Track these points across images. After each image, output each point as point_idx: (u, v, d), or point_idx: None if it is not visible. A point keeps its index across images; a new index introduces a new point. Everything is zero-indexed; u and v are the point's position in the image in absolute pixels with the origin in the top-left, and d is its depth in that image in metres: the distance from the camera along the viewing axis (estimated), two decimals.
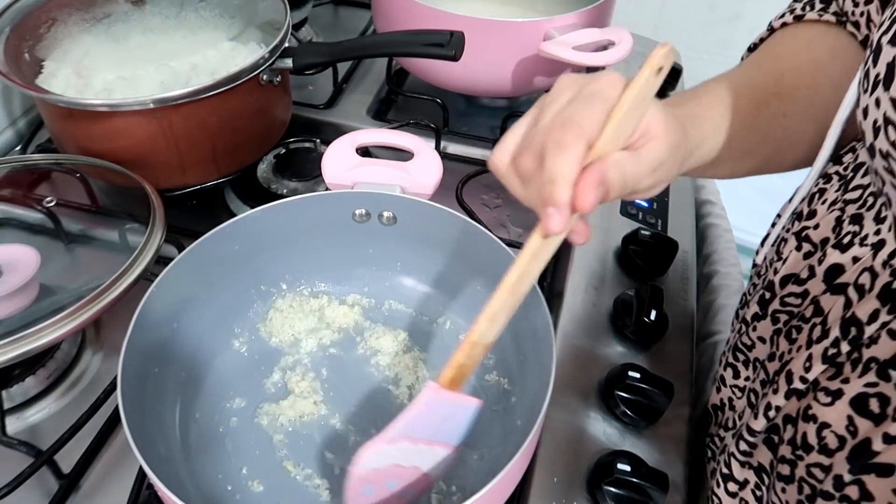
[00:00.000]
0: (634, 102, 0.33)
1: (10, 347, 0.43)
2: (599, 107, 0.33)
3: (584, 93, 0.35)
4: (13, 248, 0.51)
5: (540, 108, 0.36)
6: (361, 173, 0.53)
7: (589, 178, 0.33)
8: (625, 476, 0.45)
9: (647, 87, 0.34)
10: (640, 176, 0.35)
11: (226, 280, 0.52)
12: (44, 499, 0.46)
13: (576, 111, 0.33)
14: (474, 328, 0.37)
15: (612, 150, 0.34)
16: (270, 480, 0.46)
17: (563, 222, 0.33)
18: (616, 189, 0.34)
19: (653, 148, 0.36)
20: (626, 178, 0.34)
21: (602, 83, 0.34)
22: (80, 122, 0.60)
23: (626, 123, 0.34)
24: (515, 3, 0.85)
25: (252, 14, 0.69)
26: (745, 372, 0.46)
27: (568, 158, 0.32)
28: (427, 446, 0.41)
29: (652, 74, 0.33)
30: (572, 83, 0.36)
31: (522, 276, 0.36)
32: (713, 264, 0.74)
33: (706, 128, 0.42)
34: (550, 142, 0.33)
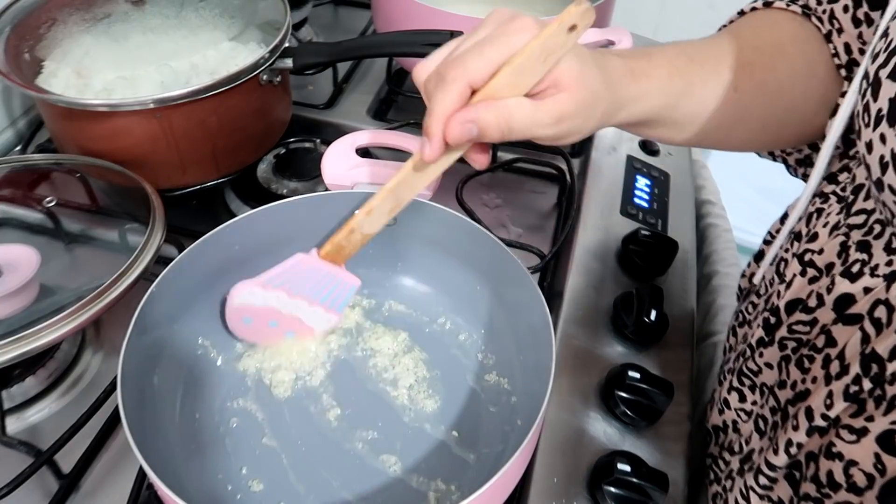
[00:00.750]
0: (535, 54, 0.35)
1: (10, 347, 0.43)
2: (496, 52, 0.35)
3: (495, 32, 0.36)
4: (13, 248, 0.51)
5: (467, 35, 0.38)
6: (361, 173, 0.53)
7: (460, 115, 0.36)
8: (625, 476, 0.45)
9: (553, 41, 0.34)
10: (536, 124, 0.37)
11: (226, 280, 0.52)
12: (44, 499, 0.46)
13: (472, 51, 0.35)
14: (353, 216, 0.43)
15: (507, 94, 0.36)
16: (270, 480, 0.46)
17: (433, 152, 0.37)
18: (493, 130, 0.36)
19: (558, 100, 0.37)
20: (510, 122, 0.36)
21: (514, 27, 0.36)
22: (80, 122, 0.60)
23: (524, 72, 0.35)
24: (515, 4, 0.85)
25: (252, 14, 0.69)
26: (751, 396, 0.46)
27: (443, 95, 0.35)
28: (307, 304, 0.48)
29: (561, 30, 0.34)
30: (496, 18, 0.37)
31: (402, 182, 0.41)
32: (713, 264, 0.74)
33: (646, 85, 0.42)
34: (438, 75, 0.36)
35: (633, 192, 0.71)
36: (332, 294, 0.47)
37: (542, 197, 0.72)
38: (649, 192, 0.71)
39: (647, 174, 0.74)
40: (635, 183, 0.72)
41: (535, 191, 0.73)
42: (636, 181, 0.72)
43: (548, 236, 0.68)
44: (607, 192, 0.70)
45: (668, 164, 0.76)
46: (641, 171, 0.74)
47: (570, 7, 0.34)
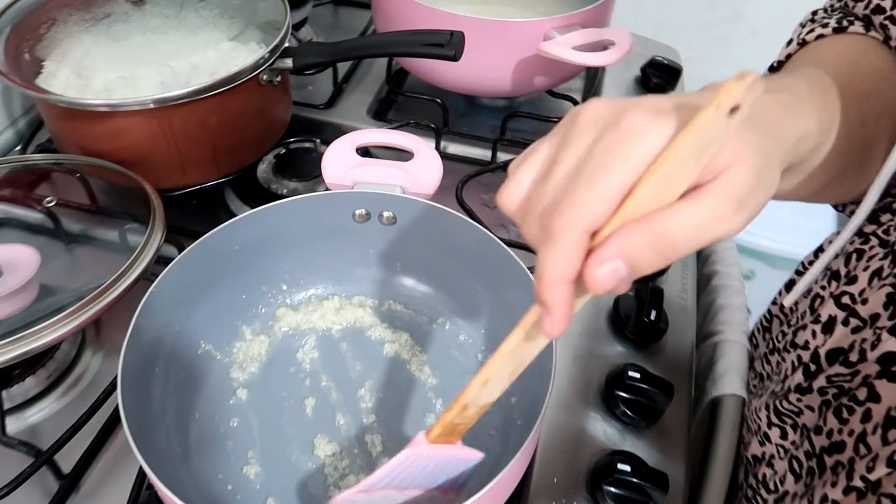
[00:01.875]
0: (685, 155, 0.25)
1: (10, 347, 0.43)
2: (616, 177, 0.25)
3: (602, 147, 0.26)
4: (13, 248, 0.51)
5: (558, 143, 0.28)
6: (361, 173, 0.53)
7: (597, 257, 0.26)
8: (625, 476, 0.45)
9: (710, 132, 0.24)
10: (710, 221, 0.25)
11: (225, 280, 0.52)
12: (44, 499, 0.46)
13: (579, 184, 0.26)
14: (466, 390, 0.34)
15: (658, 202, 0.26)
16: (271, 480, 0.46)
17: (557, 326, 0.29)
18: (650, 256, 0.26)
19: (730, 178, 0.26)
20: (671, 237, 0.25)
21: (628, 130, 0.25)
22: (80, 122, 0.60)
23: (669, 182, 0.25)
24: (515, 3, 0.85)
25: (252, 14, 0.69)
26: (792, 435, 0.44)
27: (554, 254, 0.26)
28: (420, 492, 0.39)
29: (720, 115, 0.24)
30: (593, 119, 0.27)
31: (520, 344, 0.32)
32: (713, 264, 0.74)
33: (805, 121, 0.32)
34: (541, 225, 0.27)
35: None
36: (450, 476, 0.39)
37: None
38: None
39: None
40: None
41: None
42: None
43: None
44: None
45: None
46: None
47: (731, 82, 0.24)
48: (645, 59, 0.86)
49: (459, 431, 0.37)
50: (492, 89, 0.76)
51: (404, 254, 0.56)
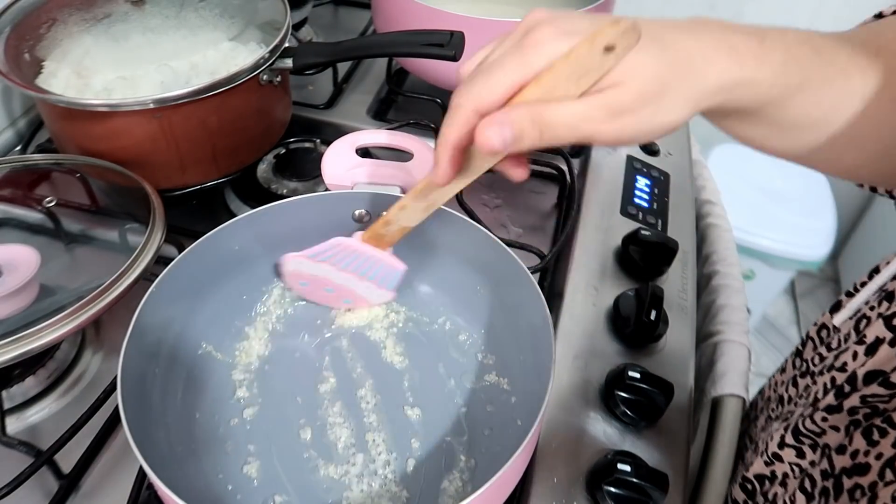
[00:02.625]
0: (563, 76, 0.30)
1: (10, 347, 0.43)
2: (505, 75, 0.31)
3: (511, 48, 0.32)
4: (13, 248, 0.51)
5: (501, 38, 0.35)
6: (361, 173, 0.53)
7: (491, 118, 0.32)
8: (625, 476, 0.45)
9: (584, 63, 0.30)
10: (585, 119, 0.31)
11: (225, 280, 0.52)
12: (44, 499, 0.46)
13: (482, 74, 0.32)
14: (390, 208, 0.44)
15: (544, 97, 0.31)
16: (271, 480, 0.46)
17: (442, 176, 0.36)
18: (531, 131, 0.31)
19: (609, 93, 0.31)
20: (548, 119, 0.31)
21: (530, 41, 0.31)
22: (80, 122, 0.60)
23: (554, 91, 0.31)
24: (515, 3, 0.85)
25: (252, 14, 0.69)
26: (810, 455, 0.43)
27: (448, 121, 0.34)
28: (356, 279, 0.50)
29: (594, 51, 0.29)
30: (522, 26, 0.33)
31: (429, 185, 0.40)
32: (713, 264, 0.74)
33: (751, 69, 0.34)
34: (453, 97, 0.34)
35: (633, 192, 0.71)
36: (380, 273, 0.50)
37: (542, 197, 0.72)
38: (649, 192, 0.71)
39: (647, 174, 0.74)
40: (635, 183, 0.72)
41: (535, 191, 0.73)
42: (636, 181, 0.72)
43: (548, 236, 0.68)
44: (607, 192, 0.70)
45: (668, 165, 0.76)
46: (641, 171, 0.74)
47: (605, 25, 0.29)
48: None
49: (386, 242, 0.48)
50: None
51: (404, 254, 0.56)
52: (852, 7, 1.41)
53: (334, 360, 0.53)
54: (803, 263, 1.42)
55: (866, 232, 1.67)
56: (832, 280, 1.84)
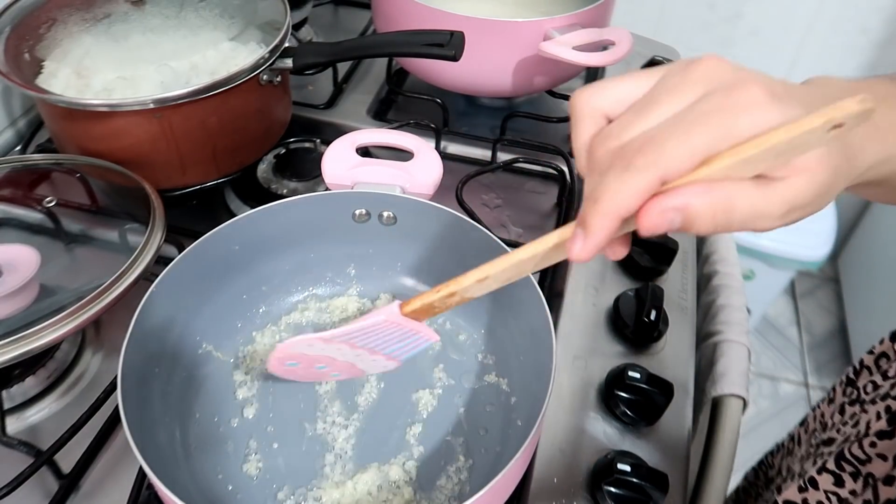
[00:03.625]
0: (776, 150, 0.26)
1: (10, 347, 0.43)
2: (710, 141, 0.26)
3: (710, 106, 0.26)
4: (13, 248, 0.51)
5: (661, 86, 0.29)
6: (361, 173, 0.53)
7: (661, 201, 0.26)
8: (625, 476, 0.45)
9: (808, 138, 0.25)
10: (761, 216, 0.27)
11: (226, 280, 0.52)
12: (44, 499, 0.46)
13: (675, 133, 0.26)
14: (460, 279, 0.36)
15: (726, 176, 0.26)
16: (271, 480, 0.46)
17: (586, 252, 0.28)
18: (706, 222, 0.27)
19: (793, 185, 0.27)
20: (730, 214, 0.26)
21: (739, 102, 0.26)
22: (80, 122, 0.60)
23: (749, 166, 0.26)
24: (515, 3, 0.85)
25: (252, 14, 0.69)
26: (851, 483, 0.41)
27: (623, 186, 0.26)
28: (369, 354, 0.43)
29: (824, 128, 0.25)
30: (712, 78, 0.28)
31: (532, 258, 0.33)
32: (713, 264, 0.74)
33: (892, 143, 0.31)
34: (622, 156, 0.27)
35: None
36: (403, 347, 0.43)
37: (542, 197, 0.72)
38: None
39: None
40: None
41: (535, 191, 0.73)
42: None
43: None
44: None
45: None
46: None
47: (847, 101, 0.24)
48: (645, 59, 0.86)
49: (432, 314, 0.39)
50: (492, 89, 0.76)
51: (404, 254, 0.56)
52: (853, 7, 1.41)
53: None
54: (803, 263, 1.42)
55: (866, 232, 1.67)
56: (832, 280, 1.84)
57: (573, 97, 0.31)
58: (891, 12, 1.42)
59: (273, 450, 0.48)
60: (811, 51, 1.49)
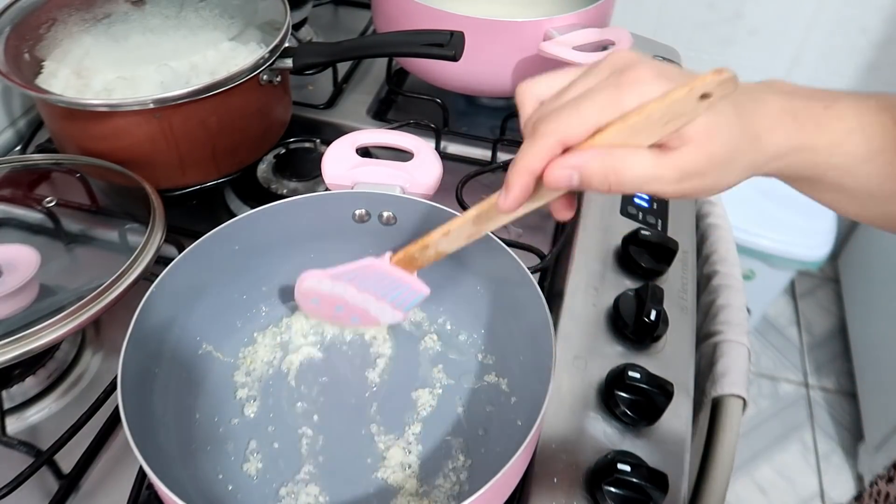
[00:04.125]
0: (654, 117, 0.30)
1: (10, 347, 0.43)
2: (598, 112, 0.31)
3: (603, 83, 0.32)
4: (13, 248, 0.51)
5: (581, 74, 0.34)
6: (361, 173, 0.53)
7: (563, 159, 0.32)
8: (625, 476, 0.45)
9: (678, 107, 0.30)
10: (654, 179, 0.32)
11: (226, 280, 0.52)
12: (44, 499, 0.46)
13: (571, 105, 0.32)
14: (430, 233, 0.42)
15: (621, 142, 0.31)
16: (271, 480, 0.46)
17: (509, 204, 0.35)
18: (599, 181, 0.32)
19: (683, 154, 0.31)
20: (620, 174, 0.31)
21: (627, 79, 0.31)
22: (80, 122, 0.60)
23: (637, 133, 0.31)
24: (515, 3, 0.85)
25: (252, 14, 0.69)
26: None
27: (529, 149, 0.33)
28: (375, 300, 0.48)
29: (691, 97, 0.29)
30: (611, 63, 0.33)
31: (483, 214, 0.40)
32: (713, 264, 0.74)
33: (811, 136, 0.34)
34: (532, 124, 0.33)
35: None
36: (400, 296, 0.48)
37: None
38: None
39: None
40: None
41: None
42: None
43: (548, 236, 0.68)
44: None
45: None
46: None
47: (708, 74, 0.29)
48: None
49: (416, 265, 0.45)
50: (492, 89, 0.76)
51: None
52: (853, 7, 1.41)
53: (335, 360, 0.53)
54: (803, 263, 1.42)
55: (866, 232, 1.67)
56: (832, 280, 1.84)
57: (518, 87, 0.36)
58: (891, 12, 1.42)
59: (273, 450, 0.48)
60: (811, 51, 1.48)
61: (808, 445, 1.51)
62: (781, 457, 1.49)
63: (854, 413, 1.53)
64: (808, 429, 1.54)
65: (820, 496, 1.42)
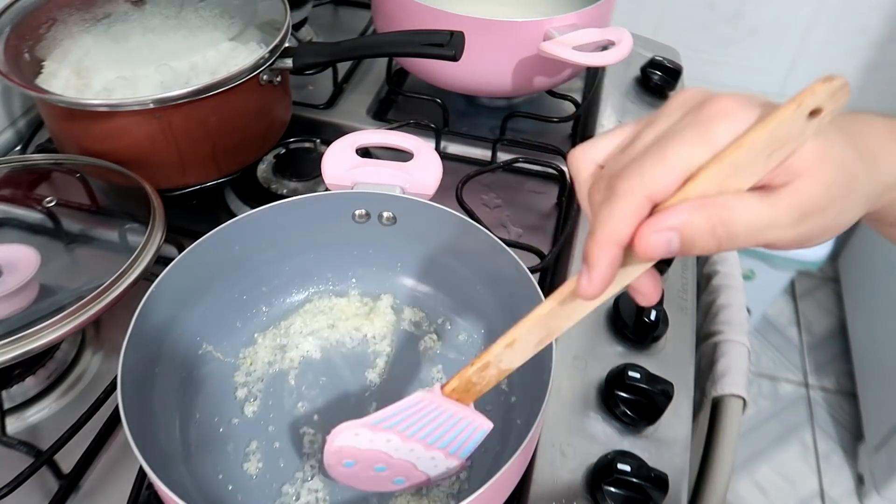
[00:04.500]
0: (758, 148, 0.25)
1: (10, 347, 0.43)
2: (685, 153, 0.26)
3: (682, 123, 0.27)
4: (13, 248, 0.51)
5: (645, 123, 0.29)
6: (361, 173, 0.53)
7: (655, 221, 0.26)
8: (625, 476, 0.45)
9: (786, 130, 0.25)
10: (769, 226, 0.26)
11: (226, 280, 0.52)
12: (44, 499, 0.46)
13: (651, 153, 0.26)
14: (490, 347, 0.34)
15: (720, 190, 0.26)
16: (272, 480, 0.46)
17: (593, 286, 0.28)
18: (706, 239, 0.26)
19: (798, 188, 0.26)
20: (730, 227, 0.26)
21: (709, 113, 0.26)
22: (80, 122, 0.60)
23: (738, 173, 0.25)
24: (515, 3, 0.85)
25: (252, 14, 0.69)
26: None
27: (611, 213, 0.26)
28: (424, 449, 0.40)
29: (800, 116, 0.24)
30: (681, 102, 0.28)
31: (555, 311, 0.32)
32: (713, 264, 0.74)
33: None
34: (606, 184, 0.27)
35: None
36: (457, 438, 0.39)
37: (542, 197, 0.72)
38: None
39: None
40: None
41: (535, 191, 0.73)
42: None
43: (548, 236, 0.68)
44: None
45: None
46: None
47: (816, 84, 0.24)
48: (645, 59, 0.86)
49: (474, 392, 0.37)
50: (492, 89, 0.76)
51: (404, 254, 0.56)
52: (853, 7, 1.41)
53: (335, 360, 0.53)
54: (803, 263, 1.42)
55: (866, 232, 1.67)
56: (832, 280, 1.84)
57: (570, 155, 0.31)
58: (890, 12, 1.42)
59: (273, 449, 0.48)
60: (811, 51, 1.48)
61: (808, 445, 1.51)
62: (781, 457, 1.49)
63: (854, 413, 1.53)
64: (808, 429, 1.54)
65: (820, 496, 1.43)
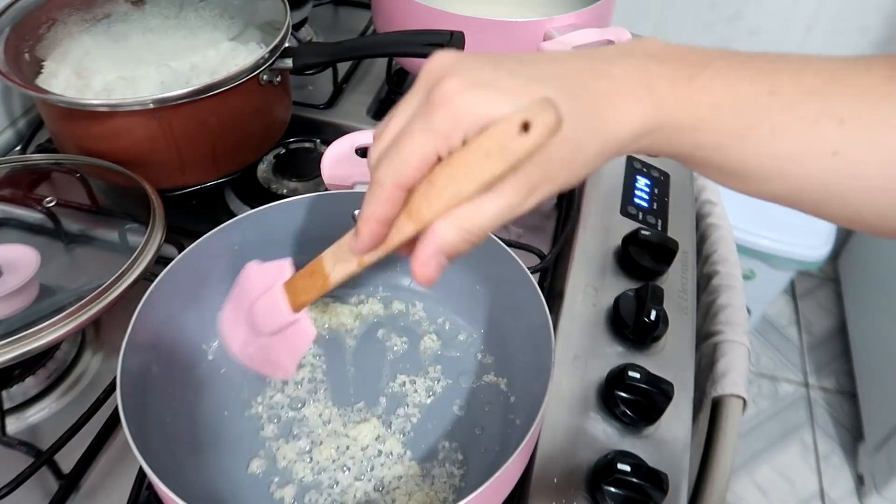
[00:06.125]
0: (479, 156, 0.27)
1: (10, 347, 0.43)
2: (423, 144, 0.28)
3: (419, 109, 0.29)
4: (13, 248, 0.51)
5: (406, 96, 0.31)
6: (361, 173, 0.53)
7: (421, 252, 0.31)
8: (625, 476, 0.45)
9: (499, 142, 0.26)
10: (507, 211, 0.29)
11: (226, 280, 0.52)
12: (44, 499, 0.46)
13: (396, 145, 0.29)
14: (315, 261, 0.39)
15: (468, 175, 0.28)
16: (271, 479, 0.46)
17: (357, 246, 0.33)
18: (463, 244, 0.30)
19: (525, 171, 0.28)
20: (474, 228, 0.29)
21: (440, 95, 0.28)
22: (80, 122, 0.60)
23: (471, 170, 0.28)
24: (515, 3, 0.85)
25: (252, 14, 0.69)
26: None
27: (370, 199, 0.30)
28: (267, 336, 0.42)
29: (509, 131, 0.26)
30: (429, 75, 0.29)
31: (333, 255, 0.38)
32: (713, 264, 0.74)
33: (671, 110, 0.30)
34: (372, 170, 0.30)
35: (633, 192, 0.71)
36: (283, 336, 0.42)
37: None
38: (649, 192, 0.71)
39: (646, 174, 0.74)
40: (635, 183, 0.72)
41: None
42: (636, 181, 0.72)
43: (548, 236, 0.68)
44: (607, 193, 0.70)
45: (668, 165, 0.76)
46: (641, 171, 0.74)
47: (528, 110, 0.26)
48: None
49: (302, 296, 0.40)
50: None
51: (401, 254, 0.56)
52: (852, 7, 1.41)
53: (335, 360, 0.53)
54: (803, 263, 1.42)
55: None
56: (832, 280, 1.84)
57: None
58: (890, 12, 1.42)
59: (273, 449, 0.48)
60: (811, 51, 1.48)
61: (807, 445, 1.51)
62: (781, 457, 1.49)
63: (854, 413, 1.53)
64: (807, 429, 1.54)
65: (820, 496, 1.43)
